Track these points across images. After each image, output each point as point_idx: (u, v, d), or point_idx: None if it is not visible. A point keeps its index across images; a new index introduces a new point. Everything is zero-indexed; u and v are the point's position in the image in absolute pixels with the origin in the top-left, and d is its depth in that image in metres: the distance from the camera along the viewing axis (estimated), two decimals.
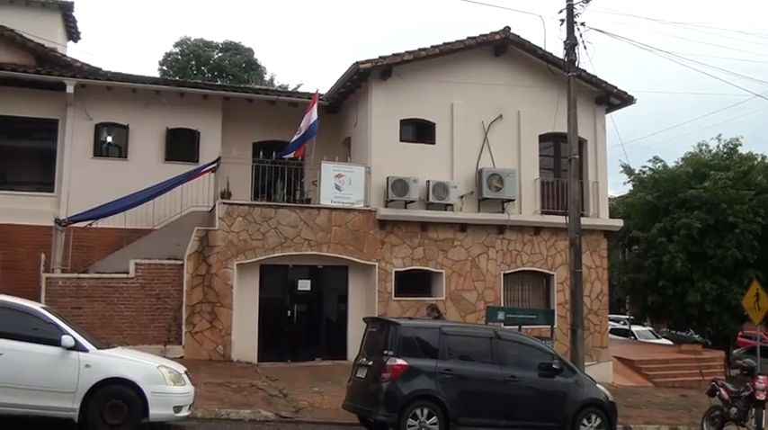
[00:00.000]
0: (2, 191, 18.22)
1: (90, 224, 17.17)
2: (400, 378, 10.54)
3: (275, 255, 17.10)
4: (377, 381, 10.63)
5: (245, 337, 16.83)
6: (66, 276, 16.18)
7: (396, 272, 18.02)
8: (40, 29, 20.43)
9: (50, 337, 9.47)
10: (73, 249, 17.00)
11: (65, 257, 16.76)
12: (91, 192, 17.64)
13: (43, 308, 10.48)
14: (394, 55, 18.30)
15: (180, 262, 16.57)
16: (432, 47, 18.70)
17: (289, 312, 17.63)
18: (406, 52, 18.42)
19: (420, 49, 18.57)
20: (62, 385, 9.30)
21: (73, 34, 24.18)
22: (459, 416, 10.61)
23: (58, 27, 22.78)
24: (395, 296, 17.89)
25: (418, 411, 10.44)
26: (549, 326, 16.52)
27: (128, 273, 16.25)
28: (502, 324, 15.27)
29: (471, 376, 10.95)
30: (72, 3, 22.84)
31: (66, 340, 9.43)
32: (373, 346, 11.32)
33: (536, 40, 19.00)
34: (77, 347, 9.48)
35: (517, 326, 15.00)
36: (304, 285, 17.77)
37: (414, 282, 18.28)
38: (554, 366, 11.40)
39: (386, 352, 10.73)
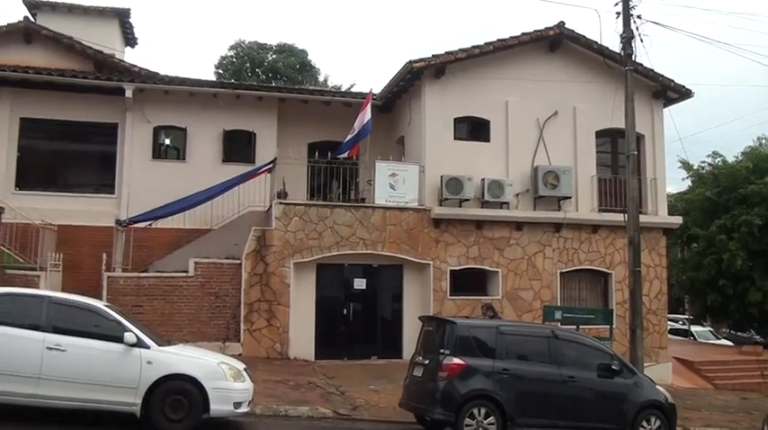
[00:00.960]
0: (65, 193, 18.83)
1: (150, 224, 17.59)
2: (457, 377, 10.51)
3: (331, 254, 17.24)
4: (434, 380, 10.61)
5: (301, 335, 17.01)
6: (127, 275, 16.63)
7: (451, 270, 17.97)
8: (99, 36, 21.02)
9: (113, 334, 9.67)
10: (133, 249, 17.48)
11: (125, 257, 17.23)
12: (150, 193, 18.09)
13: (106, 305, 10.75)
14: (447, 53, 18.26)
15: (238, 261, 16.85)
16: (486, 44, 18.60)
17: (344, 310, 17.74)
18: (460, 50, 18.35)
19: (474, 47, 18.49)
20: (124, 381, 9.48)
21: (130, 40, 24.80)
22: (517, 417, 10.50)
23: (116, 33, 23.39)
24: (450, 295, 17.84)
25: (475, 410, 10.36)
26: (608, 326, 16.24)
27: (187, 271, 16.60)
28: (559, 323, 15.10)
29: (529, 376, 10.83)
30: (128, 9, 23.43)
31: (129, 337, 9.61)
32: (429, 345, 11.31)
33: (591, 34, 18.77)
34: (139, 344, 9.66)
35: (575, 326, 14.81)
36: (359, 284, 17.87)
37: (469, 281, 18.21)
38: (613, 367, 11.19)
39: (442, 351, 10.70)
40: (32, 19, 21.31)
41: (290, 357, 16.70)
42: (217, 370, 9.93)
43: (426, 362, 11.00)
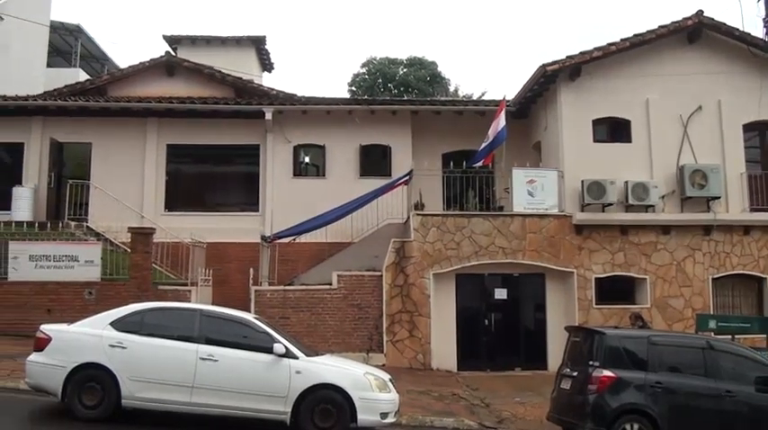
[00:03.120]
0: (212, 212, 19.96)
1: (293, 239, 18.16)
2: (608, 390, 10.09)
3: (470, 264, 17.12)
4: (583, 393, 10.24)
5: (443, 346, 16.98)
6: (274, 288, 17.22)
7: (595, 278, 17.37)
8: (237, 64, 22.25)
9: (263, 345, 9.95)
10: (278, 263, 18.05)
11: (271, 271, 17.83)
12: (292, 209, 18.73)
13: (255, 317, 11.12)
14: (582, 53, 17.76)
15: (379, 273, 17.07)
16: (621, 40, 17.93)
17: (486, 321, 17.55)
18: (595, 49, 17.81)
19: (610, 44, 17.89)
20: (274, 390, 9.73)
21: (267, 65, 25.89)
22: None
23: (253, 60, 24.54)
24: (596, 304, 17.23)
25: (628, 426, 9.90)
26: (765, 336, 15.06)
27: (331, 284, 17.01)
28: (712, 333, 14.20)
29: (683, 390, 10.20)
30: (264, 37, 24.51)
31: (278, 348, 9.87)
32: (577, 357, 10.95)
33: (731, 21, 17.67)
34: (288, 354, 9.89)
35: (730, 336, 13.86)
36: (500, 294, 17.62)
37: (615, 289, 17.52)
38: None
39: (591, 362, 10.32)
40: (173, 53, 22.72)
41: (433, 368, 16.72)
42: (363, 380, 10.02)
43: (575, 374, 10.65)
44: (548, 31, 73.55)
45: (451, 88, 40.43)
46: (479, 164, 17.78)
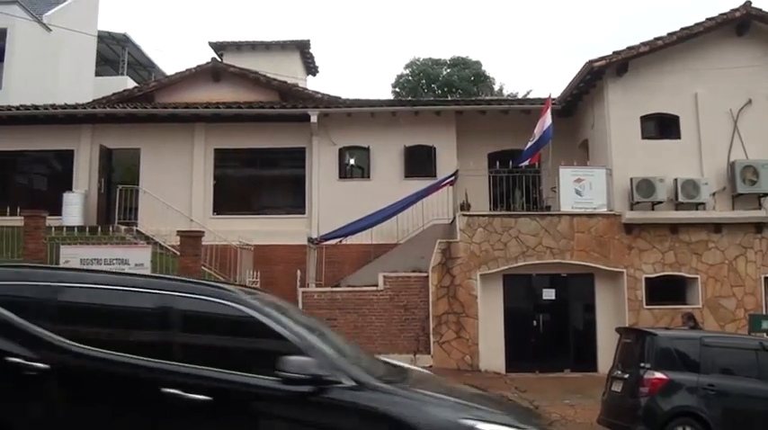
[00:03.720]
0: (259, 215, 20.21)
1: (339, 241, 18.26)
2: (659, 393, 9.90)
3: (518, 264, 16.97)
4: (634, 396, 10.07)
5: (491, 347, 16.87)
6: (321, 290, 17.33)
7: (645, 278, 17.05)
8: (282, 68, 22.47)
9: None
10: (325, 265, 18.18)
11: (318, 272, 17.95)
12: (338, 211, 18.85)
13: None
14: (628, 48, 17.43)
15: (425, 274, 17.04)
16: (668, 34, 17.55)
17: (534, 322, 17.38)
18: (642, 44, 17.47)
19: (656, 39, 17.52)
20: None
21: (311, 69, 26.10)
22: None
23: (298, 64, 24.77)
24: (646, 304, 16.89)
25: (680, 429, 9.73)
26: None
27: (377, 285, 17.04)
28: (765, 334, 13.83)
29: (737, 392, 9.95)
30: (308, 41, 24.75)
31: None
32: (628, 358, 10.77)
33: None
34: None
35: None
36: (549, 294, 17.43)
37: (666, 289, 17.14)
38: None
39: (642, 364, 10.14)
40: (219, 59, 23.06)
41: (481, 369, 16.61)
42: None
43: (626, 376, 10.48)
44: (592, 27, 72.65)
45: (496, 87, 40.21)
46: (526, 163, 17.62)
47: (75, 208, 19.49)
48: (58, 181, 21.13)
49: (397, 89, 40.02)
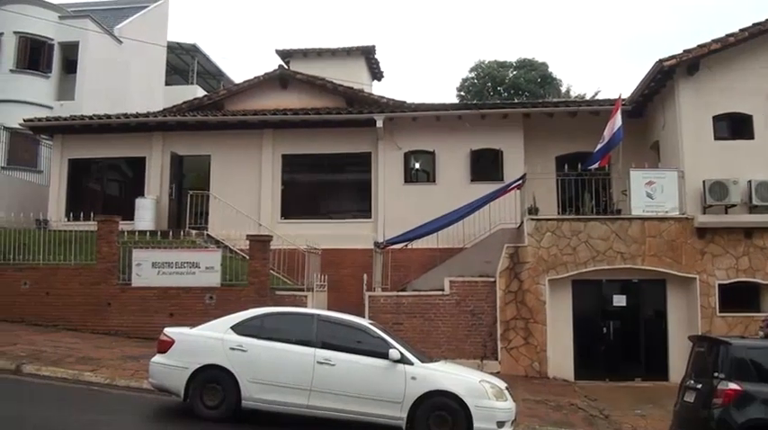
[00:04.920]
0: (326, 220, 20.39)
1: (405, 245, 18.25)
2: (733, 404, 9.44)
3: (587, 269, 16.61)
4: (707, 407, 9.65)
5: (560, 354, 16.56)
6: (387, 294, 17.31)
7: (719, 284, 16.46)
8: (347, 74, 22.73)
9: (378, 350, 10.08)
10: (391, 269, 18.19)
11: (384, 277, 17.94)
12: (404, 216, 18.93)
13: (370, 323, 11.25)
14: (700, 46, 16.88)
15: (492, 279, 16.86)
16: (740, 30, 16.88)
17: (604, 329, 16.96)
18: (713, 41, 16.87)
19: (727, 35, 16.90)
20: (389, 395, 9.82)
21: (376, 74, 26.24)
22: None
23: (363, 69, 24.96)
24: (719, 312, 16.29)
25: None
26: None
27: (443, 290, 16.92)
28: None
29: None
30: (373, 46, 24.85)
31: (393, 353, 9.97)
32: (701, 368, 10.36)
33: None
34: (403, 360, 9.97)
35: None
36: (619, 301, 16.99)
37: (740, 296, 16.49)
38: None
39: (716, 374, 9.74)
40: (286, 66, 23.42)
41: (549, 376, 16.33)
42: (479, 388, 9.93)
43: (699, 386, 10.07)
44: (661, 25, 70.90)
45: (563, 89, 39.69)
46: (595, 166, 17.27)
47: (147, 212, 20.09)
48: (130, 187, 21.90)
49: (463, 93, 39.90)
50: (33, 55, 26.11)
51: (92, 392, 11.65)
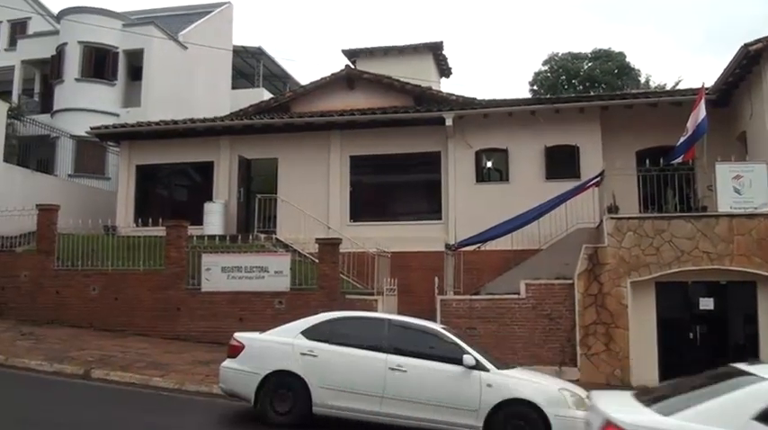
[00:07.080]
0: (395, 222, 20.04)
1: (478, 247, 17.67)
2: None
3: (671, 271, 15.63)
4: None
5: (643, 361, 15.61)
6: (460, 298, 16.75)
7: None
8: (415, 71, 22.38)
9: (452, 356, 9.76)
10: (463, 272, 17.60)
11: (456, 280, 17.42)
12: (475, 216, 18.38)
13: (443, 328, 10.95)
14: None
15: (570, 281, 16.08)
16: None
17: (690, 334, 15.95)
18: None
19: None
20: (464, 402, 9.48)
21: (444, 71, 25.79)
22: None
23: (431, 66, 24.58)
24: None
25: None
26: None
27: (518, 293, 16.25)
28: None
29: None
30: (441, 42, 24.42)
31: (468, 359, 9.63)
32: None
33: None
34: (478, 366, 9.64)
35: None
36: (706, 304, 15.90)
37: None
38: None
39: None
40: (352, 66, 23.16)
41: (633, 385, 15.45)
42: (558, 396, 9.46)
43: None
44: (747, 8, 68.12)
45: (642, 79, 38.38)
46: (679, 160, 16.35)
47: (215, 217, 20.08)
48: (197, 191, 21.95)
49: (535, 87, 39.10)
50: (98, 63, 26.68)
51: (161, 397, 11.59)
